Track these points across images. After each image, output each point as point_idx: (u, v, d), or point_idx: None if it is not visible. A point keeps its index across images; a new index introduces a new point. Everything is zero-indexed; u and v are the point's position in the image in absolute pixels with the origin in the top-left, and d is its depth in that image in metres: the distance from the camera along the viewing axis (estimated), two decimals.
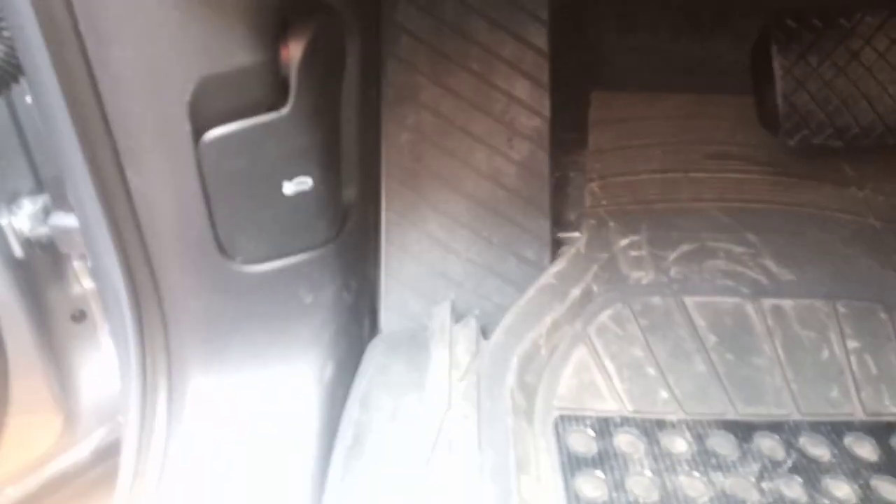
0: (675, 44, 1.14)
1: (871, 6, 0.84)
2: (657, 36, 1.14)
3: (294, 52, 0.56)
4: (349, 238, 0.73)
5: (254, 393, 0.68)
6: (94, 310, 0.98)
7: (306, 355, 0.70)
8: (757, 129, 1.03)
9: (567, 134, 1.07)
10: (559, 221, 0.99)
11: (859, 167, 1.01)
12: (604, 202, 0.97)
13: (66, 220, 0.86)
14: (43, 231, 0.87)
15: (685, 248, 0.94)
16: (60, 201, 0.86)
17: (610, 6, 1.13)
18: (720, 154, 1.02)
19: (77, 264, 0.96)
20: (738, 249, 0.92)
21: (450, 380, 0.74)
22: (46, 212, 0.88)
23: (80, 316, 0.98)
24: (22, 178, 0.87)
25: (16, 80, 0.74)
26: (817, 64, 0.84)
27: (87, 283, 0.96)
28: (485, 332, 0.85)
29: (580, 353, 0.80)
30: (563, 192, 1.01)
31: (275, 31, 0.56)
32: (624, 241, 0.93)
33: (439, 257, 0.89)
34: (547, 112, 0.92)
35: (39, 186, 0.89)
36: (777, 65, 0.84)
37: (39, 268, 0.90)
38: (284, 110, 0.58)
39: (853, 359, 0.78)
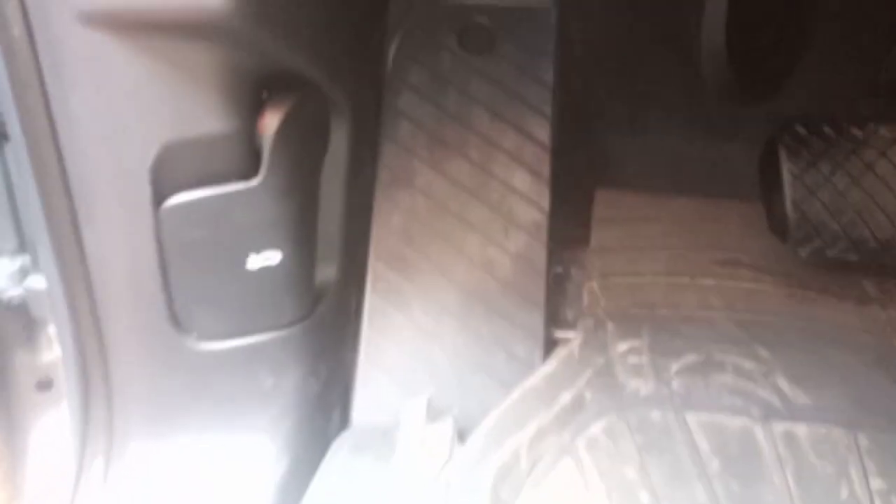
0: (685, 147, 1.12)
1: (884, 119, 0.82)
2: (667, 138, 1.13)
3: (270, 123, 0.55)
4: (322, 320, 0.69)
5: (195, 482, 0.62)
6: (63, 378, 0.94)
7: (260, 446, 0.64)
8: (769, 238, 0.98)
9: (570, 230, 1.04)
10: (555, 319, 0.94)
11: (882, 285, 0.94)
12: (603, 303, 0.91)
13: (41, 283, 0.83)
14: (16, 292, 0.85)
15: (690, 358, 0.87)
16: (38, 263, 0.84)
17: (620, 107, 1.13)
18: (730, 261, 0.97)
19: (51, 330, 0.93)
20: (748, 365, 0.85)
21: (416, 489, 0.67)
22: (24, 273, 0.86)
23: (46, 384, 0.93)
24: (6, 237, 0.86)
25: (6, 138, 0.74)
26: (829, 172, 0.80)
27: (58, 351, 0.92)
28: (463, 434, 0.78)
29: (565, 467, 0.72)
30: (561, 289, 0.96)
31: (250, 100, 0.54)
32: (623, 346, 0.86)
33: (423, 347, 0.84)
34: (546, 205, 0.89)
35: (22, 246, 0.88)
36: (786, 170, 0.81)
37: (9, 330, 0.87)
38: (255, 181, 0.56)
39: (878, 502, 0.69)
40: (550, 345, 0.90)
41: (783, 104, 1.08)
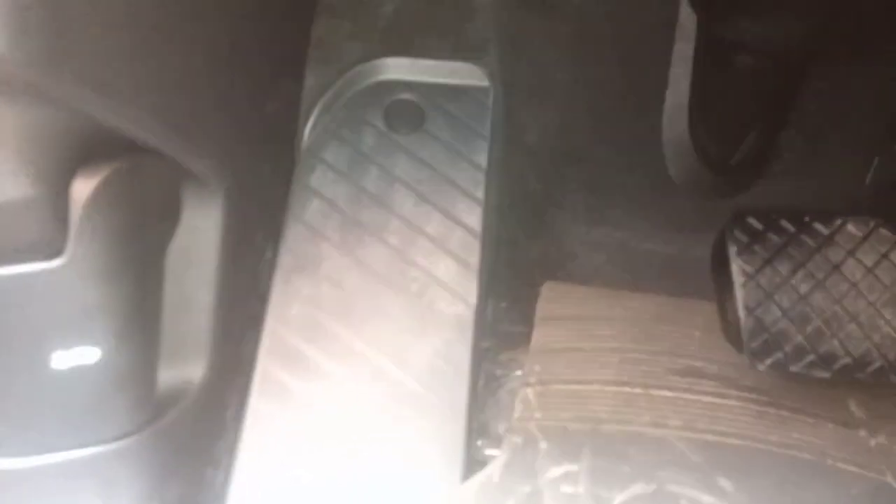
0: (646, 240, 1.03)
1: (852, 213, 0.73)
2: (627, 230, 1.04)
3: (80, 191, 0.46)
4: (174, 429, 0.57)
5: None
6: None
7: None
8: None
9: (514, 327, 0.93)
10: (483, 433, 0.81)
11: (869, 406, 0.81)
12: (538, 415, 0.79)
13: None
14: None
15: (637, 488, 0.73)
16: None
17: (578, 197, 1.05)
18: (690, 370, 0.84)
19: None
20: (707, 499, 0.72)
21: None
22: None
23: None
24: None
25: None
26: (789, 273, 0.69)
27: None
28: None
29: None
30: (493, 397, 0.83)
31: (57, 164, 0.46)
32: (556, 471, 0.73)
33: (316, 462, 0.71)
34: (474, 298, 0.79)
35: None
36: (737, 269, 0.70)
37: None
38: (59, 261, 0.47)
39: None
40: (474, 464, 0.77)
41: (756, 197, 1.00)
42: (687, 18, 0.99)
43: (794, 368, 0.69)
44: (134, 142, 0.47)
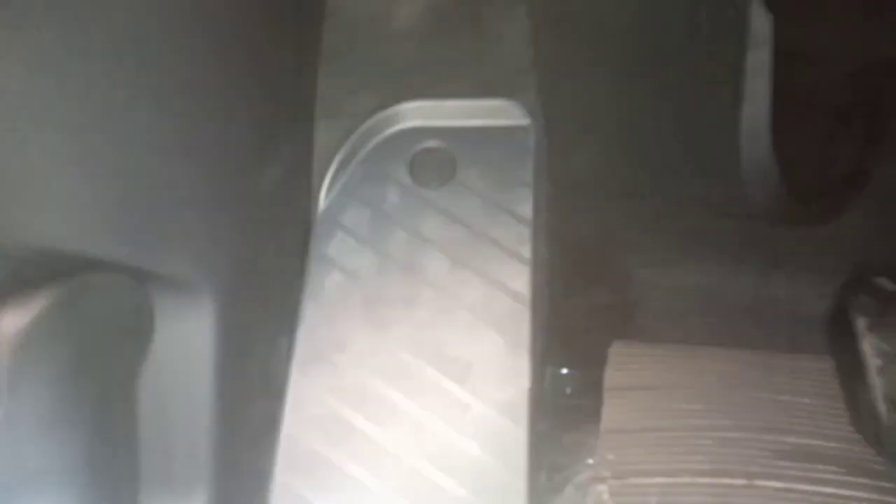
0: (733, 284, 0.88)
1: None
2: (709, 274, 0.89)
3: (9, 328, 0.37)
4: None
5: None
6: None
7: None
8: None
9: (578, 400, 0.80)
10: None
11: None
12: None
13: None
14: None
15: None
16: None
17: (645, 236, 0.90)
18: (804, 452, 0.68)
19: None
20: None
21: None
22: None
23: None
24: None
25: None
26: None
27: None
28: None
29: None
30: (559, 495, 0.70)
31: None
32: None
33: None
34: (526, 381, 0.67)
35: None
36: (869, 348, 0.54)
37: None
38: None
39: None
40: None
41: (852, 229, 0.83)
42: (760, 22, 0.85)
43: None
44: (79, 257, 0.39)
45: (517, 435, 0.63)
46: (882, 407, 0.53)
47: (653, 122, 0.86)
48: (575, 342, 0.78)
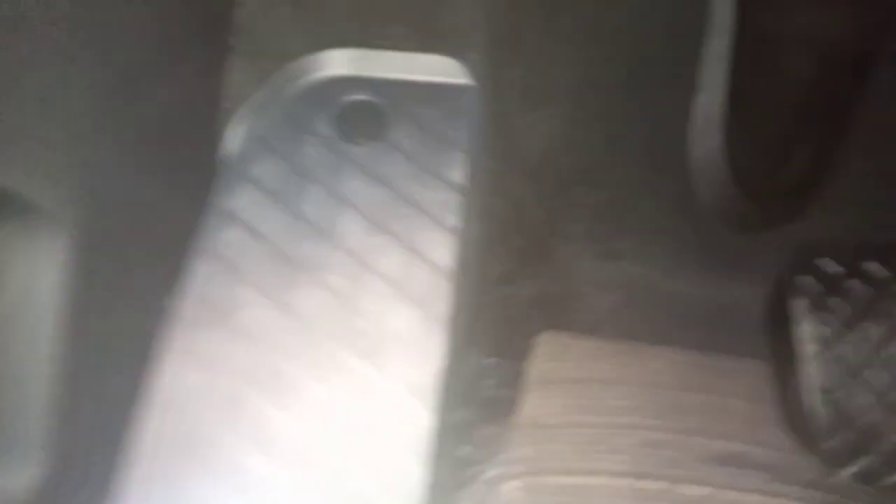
0: (672, 280, 0.84)
1: None
2: (649, 268, 0.84)
3: None
4: None
5: None
6: None
7: None
8: None
9: (500, 391, 0.74)
10: None
11: None
12: None
13: None
14: None
15: None
16: None
17: (588, 225, 0.86)
18: (732, 457, 0.64)
19: None
20: None
21: None
22: None
23: None
24: None
25: None
26: (882, 339, 0.48)
27: None
28: None
29: None
30: (465, 491, 0.64)
31: None
32: None
33: None
34: (440, 359, 0.61)
35: None
36: (805, 333, 0.50)
37: None
38: None
39: None
40: None
41: (812, 227, 0.80)
42: (723, 7, 0.81)
43: (889, 481, 0.49)
44: None
45: (426, 421, 0.57)
46: (816, 398, 0.49)
47: (609, 107, 0.82)
48: (506, 331, 0.72)
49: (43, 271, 0.41)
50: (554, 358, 0.72)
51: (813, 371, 0.49)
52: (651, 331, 0.75)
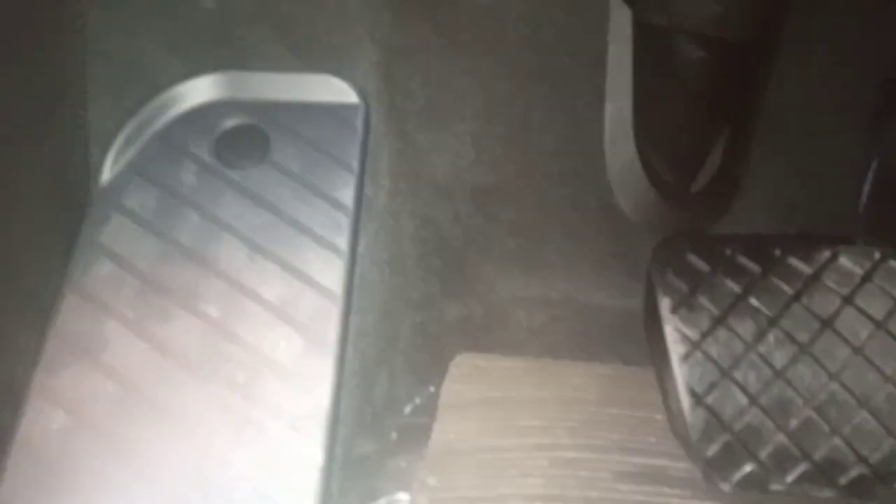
0: (597, 293, 0.81)
1: (844, 240, 0.49)
2: (573, 282, 0.82)
3: None
4: None
5: None
6: None
7: None
8: None
9: (418, 419, 0.71)
10: None
11: None
12: None
13: None
14: None
15: None
16: None
17: (508, 242, 0.83)
18: (649, 474, 0.60)
19: None
20: None
21: None
22: None
23: None
24: None
25: None
26: (754, 336, 0.43)
27: None
28: None
29: None
30: None
31: None
32: None
33: None
34: (327, 394, 0.57)
35: None
36: (672, 333, 0.46)
37: None
38: None
39: None
40: None
41: (735, 228, 0.78)
42: (620, 14, 0.81)
43: (776, 486, 0.45)
44: None
45: (311, 457, 0.53)
46: (686, 401, 0.45)
47: (520, 117, 0.80)
48: (426, 356, 0.69)
49: None
50: (465, 380, 0.68)
51: (682, 373, 0.46)
52: (577, 345, 0.72)
